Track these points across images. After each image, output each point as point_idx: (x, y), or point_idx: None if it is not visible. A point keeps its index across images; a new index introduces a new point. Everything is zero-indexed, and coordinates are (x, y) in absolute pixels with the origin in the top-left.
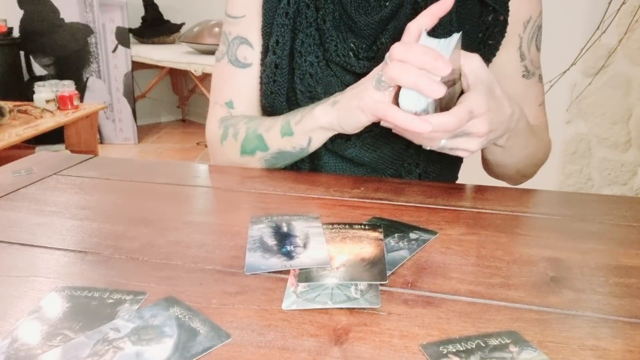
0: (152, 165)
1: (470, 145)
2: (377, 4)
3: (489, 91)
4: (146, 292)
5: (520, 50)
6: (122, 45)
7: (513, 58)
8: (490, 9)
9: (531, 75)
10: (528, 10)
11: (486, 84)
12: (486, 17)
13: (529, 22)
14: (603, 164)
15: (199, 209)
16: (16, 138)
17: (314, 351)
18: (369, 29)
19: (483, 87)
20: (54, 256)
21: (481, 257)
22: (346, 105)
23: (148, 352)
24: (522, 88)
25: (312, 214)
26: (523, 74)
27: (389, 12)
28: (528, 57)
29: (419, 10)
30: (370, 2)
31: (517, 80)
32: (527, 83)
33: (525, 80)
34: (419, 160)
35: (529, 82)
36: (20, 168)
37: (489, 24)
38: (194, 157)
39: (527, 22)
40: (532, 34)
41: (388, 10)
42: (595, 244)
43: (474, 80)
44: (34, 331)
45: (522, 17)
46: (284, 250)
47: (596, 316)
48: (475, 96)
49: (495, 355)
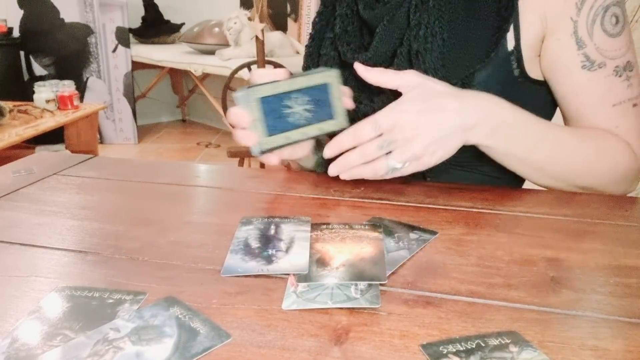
0: (152, 165)
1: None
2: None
3: (426, 94)
4: (146, 292)
5: (575, 36)
6: (122, 45)
7: (566, 45)
8: None
9: (597, 66)
10: None
11: (422, 89)
12: None
13: (585, 2)
14: None
15: (199, 209)
16: (16, 138)
17: (314, 351)
18: (373, 22)
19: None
20: (54, 256)
21: (481, 257)
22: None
23: (148, 352)
24: (582, 82)
25: (304, 217)
26: (583, 65)
27: (390, 7)
28: (590, 44)
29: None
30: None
31: (575, 73)
32: (591, 76)
33: (586, 72)
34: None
35: (593, 75)
36: (20, 168)
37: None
38: (194, 157)
39: (580, 2)
40: (593, 16)
41: (389, 6)
42: (595, 244)
43: (405, 91)
44: (34, 331)
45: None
46: (264, 254)
47: (596, 316)
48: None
49: (495, 355)
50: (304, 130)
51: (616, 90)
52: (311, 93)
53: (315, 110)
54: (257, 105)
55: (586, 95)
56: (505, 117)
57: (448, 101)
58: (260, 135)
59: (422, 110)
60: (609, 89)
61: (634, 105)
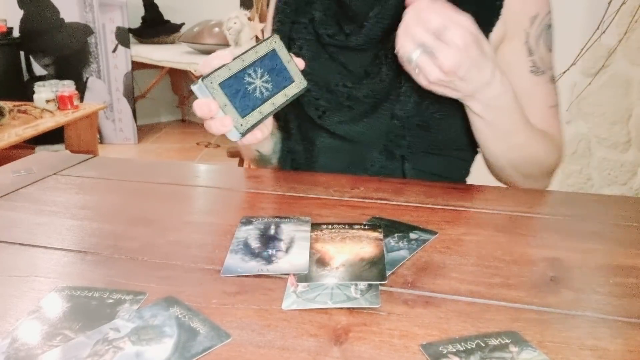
0: (152, 165)
1: (430, 71)
2: None
3: (477, 42)
4: (146, 292)
5: (527, 44)
6: (122, 45)
7: (519, 51)
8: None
9: (541, 72)
10: (535, 7)
11: (477, 37)
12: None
13: (536, 18)
14: (603, 164)
15: (198, 209)
16: (16, 138)
17: (314, 351)
18: (360, 9)
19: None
20: (54, 256)
21: (481, 257)
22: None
23: (148, 352)
24: (529, 84)
25: (304, 217)
26: (531, 69)
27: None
28: (537, 53)
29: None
30: None
31: (525, 76)
32: (536, 80)
33: (533, 76)
34: (403, 132)
35: (538, 80)
36: (20, 168)
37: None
38: (194, 157)
39: (534, 17)
40: (540, 31)
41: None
42: (595, 244)
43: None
44: (34, 331)
45: (529, 12)
46: (264, 254)
47: (596, 316)
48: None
49: (495, 355)
50: (272, 100)
51: (552, 95)
52: (263, 64)
53: (274, 79)
54: (220, 91)
55: (531, 96)
56: (510, 98)
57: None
58: (235, 119)
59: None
60: (548, 93)
61: (558, 110)
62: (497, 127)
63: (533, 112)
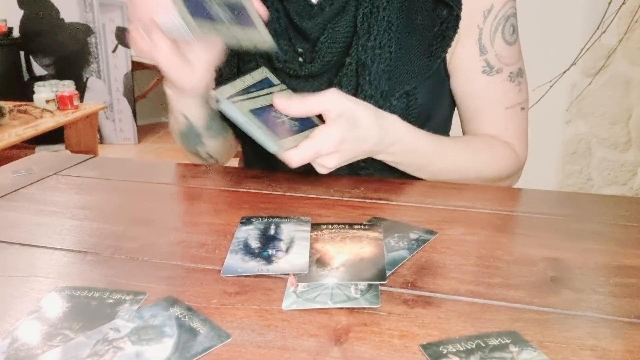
0: (152, 165)
1: (318, 168)
2: (319, 7)
3: (351, 123)
4: (146, 292)
5: (479, 42)
6: (122, 45)
7: (470, 52)
8: (444, 3)
9: (495, 72)
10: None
11: (347, 117)
12: (441, 11)
13: (490, 11)
14: (603, 164)
15: (199, 209)
16: (16, 138)
17: (314, 351)
18: (312, 32)
19: (342, 120)
20: (54, 256)
21: (481, 257)
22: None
23: (148, 352)
24: (481, 86)
25: (304, 217)
26: (483, 70)
27: (329, 15)
28: (491, 51)
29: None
30: (313, 6)
31: (476, 77)
32: (489, 80)
33: (486, 77)
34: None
35: (491, 80)
36: (20, 168)
37: (444, 18)
38: None
39: (487, 11)
40: (496, 24)
41: (328, 14)
42: (595, 244)
43: (334, 115)
44: (34, 331)
45: (481, 6)
46: (264, 254)
47: (596, 316)
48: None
49: (495, 355)
50: (231, 29)
51: (509, 95)
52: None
53: (236, 16)
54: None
55: (483, 99)
56: (409, 141)
57: (370, 136)
58: (185, 15)
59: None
60: (503, 94)
61: (522, 109)
62: (410, 165)
63: (485, 116)
